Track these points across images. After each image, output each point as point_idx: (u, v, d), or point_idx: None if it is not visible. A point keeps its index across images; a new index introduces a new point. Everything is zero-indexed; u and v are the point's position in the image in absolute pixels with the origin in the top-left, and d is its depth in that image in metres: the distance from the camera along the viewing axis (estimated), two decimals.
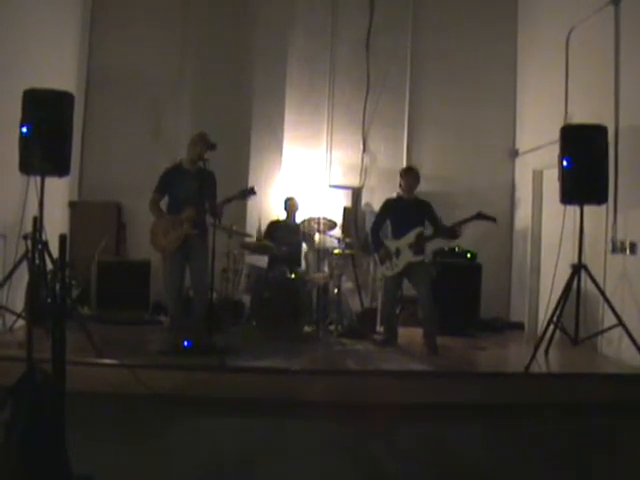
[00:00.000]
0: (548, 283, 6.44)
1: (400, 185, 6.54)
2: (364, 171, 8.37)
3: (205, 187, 5.72)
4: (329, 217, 7.34)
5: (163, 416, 4.49)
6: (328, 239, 7.46)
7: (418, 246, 6.26)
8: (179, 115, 8.24)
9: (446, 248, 7.60)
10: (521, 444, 4.34)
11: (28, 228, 5.22)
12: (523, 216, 8.24)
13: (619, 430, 4.62)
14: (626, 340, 5.49)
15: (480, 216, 6.07)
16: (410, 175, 6.53)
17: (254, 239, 7.44)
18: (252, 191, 5.87)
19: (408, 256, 6.25)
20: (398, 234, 6.38)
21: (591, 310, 6.16)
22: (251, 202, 8.03)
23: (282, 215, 7.64)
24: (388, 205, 6.60)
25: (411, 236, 6.26)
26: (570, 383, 5.27)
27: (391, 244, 6.36)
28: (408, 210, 6.41)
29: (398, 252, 6.29)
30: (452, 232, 6.27)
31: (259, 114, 8.24)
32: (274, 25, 8.27)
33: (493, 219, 6.13)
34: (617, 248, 6.05)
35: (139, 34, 8.22)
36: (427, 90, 8.50)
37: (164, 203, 5.91)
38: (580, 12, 6.65)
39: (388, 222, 6.56)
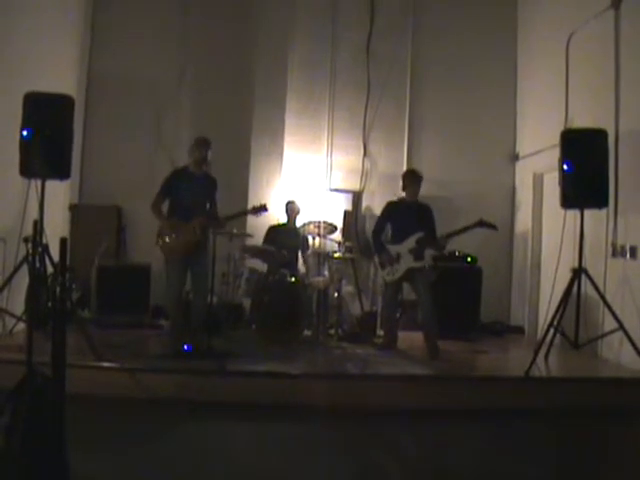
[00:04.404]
0: (548, 287, 6.45)
1: (402, 188, 6.54)
2: (364, 175, 8.38)
3: (211, 192, 5.89)
4: (329, 221, 7.35)
5: (162, 419, 4.49)
6: (328, 243, 7.46)
7: (418, 251, 6.24)
8: (179, 119, 8.25)
9: (446, 252, 7.60)
10: (521, 448, 4.33)
11: (28, 231, 5.23)
12: (523, 220, 8.25)
13: (620, 434, 4.61)
14: (626, 344, 5.49)
15: (481, 224, 6.06)
16: (414, 178, 6.49)
17: (254, 241, 7.41)
18: (264, 208, 5.99)
19: (409, 261, 6.23)
20: (398, 238, 6.36)
21: (591, 314, 6.15)
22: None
23: (282, 219, 7.63)
24: (390, 208, 6.58)
25: (412, 241, 6.25)
26: (570, 387, 5.26)
27: (392, 249, 6.35)
28: (409, 214, 6.39)
29: (399, 257, 6.28)
30: (438, 245, 6.26)
31: (260, 118, 8.25)
32: (275, 30, 8.30)
33: (494, 227, 6.12)
34: (617, 252, 6.04)
35: (140, 38, 8.24)
36: (427, 94, 8.51)
37: (165, 205, 5.91)
38: (580, 16, 6.65)
39: (389, 225, 6.55)
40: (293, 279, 6.74)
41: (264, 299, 6.60)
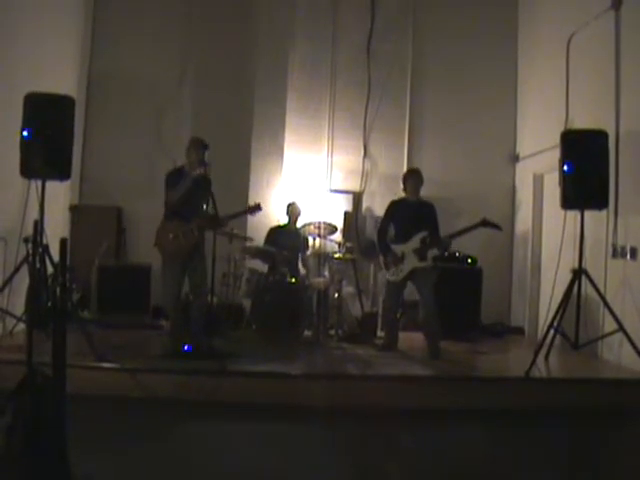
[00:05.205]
0: (548, 288, 6.44)
1: (404, 188, 6.53)
2: (365, 176, 8.37)
3: (209, 192, 5.68)
4: (330, 222, 7.35)
5: (163, 420, 4.48)
6: (329, 244, 7.46)
7: (423, 251, 6.23)
8: (180, 119, 8.25)
9: (446, 253, 7.59)
10: (522, 449, 4.33)
11: (29, 231, 5.23)
12: (524, 221, 8.24)
13: (619, 435, 4.61)
14: (626, 345, 5.48)
15: (485, 223, 6.05)
16: (415, 177, 6.49)
17: (254, 243, 7.42)
18: (258, 207, 6.03)
19: (413, 262, 6.22)
20: (402, 238, 6.35)
21: (591, 315, 6.15)
22: None
23: (283, 220, 7.63)
24: (392, 208, 6.58)
25: (416, 240, 6.23)
26: (570, 388, 5.26)
27: (396, 249, 6.33)
28: (412, 213, 6.38)
29: (403, 257, 6.27)
30: (442, 244, 6.25)
31: (260, 118, 8.25)
32: (275, 30, 8.30)
33: (498, 227, 6.11)
34: (617, 253, 6.04)
35: (140, 39, 8.26)
36: (428, 95, 8.51)
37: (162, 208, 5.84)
38: (581, 17, 6.65)
39: (392, 225, 6.53)
40: (293, 280, 6.74)
41: (264, 300, 6.61)
